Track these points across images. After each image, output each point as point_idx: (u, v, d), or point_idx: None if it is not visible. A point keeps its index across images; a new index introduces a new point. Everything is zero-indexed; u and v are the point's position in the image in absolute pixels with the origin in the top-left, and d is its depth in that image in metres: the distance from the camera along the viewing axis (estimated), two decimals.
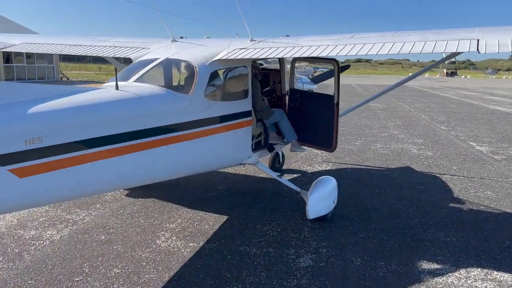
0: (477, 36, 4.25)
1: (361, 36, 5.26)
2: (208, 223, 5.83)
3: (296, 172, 8.63)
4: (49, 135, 3.50)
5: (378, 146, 11.57)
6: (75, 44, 6.78)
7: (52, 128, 3.55)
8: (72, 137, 3.67)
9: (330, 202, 5.86)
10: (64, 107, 3.73)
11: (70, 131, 3.66)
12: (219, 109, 5.25)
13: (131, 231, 5.54)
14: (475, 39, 4.19)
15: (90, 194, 4.40)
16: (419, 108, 22.40)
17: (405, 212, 6.43)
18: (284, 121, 6.61)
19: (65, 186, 3.70)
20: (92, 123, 3.82)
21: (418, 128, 15.02)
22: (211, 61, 5.21)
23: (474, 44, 4.07)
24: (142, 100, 4.35)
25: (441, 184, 7.96)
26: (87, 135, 3.76)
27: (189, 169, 5.10)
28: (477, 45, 4.04)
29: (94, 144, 3.82)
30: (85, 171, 3.78)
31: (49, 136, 3.50)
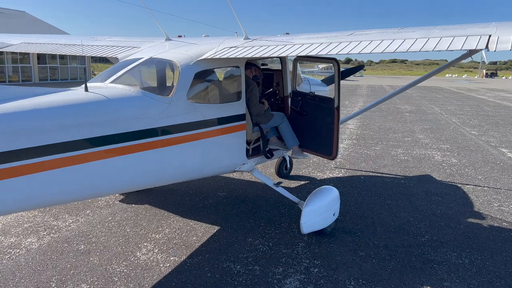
0: (489, 32, 3.66)
1: (361, 33, 4.74)
2: (197, 234, 5.45)
3: (305, 179, 8.12)
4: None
5: (399, 151, 10.87)
6: (70, 44, 6.56)
7: (2, 132, 3.26)
8: (26, 143, 3.36)
9: (329, 215, 5.35)
10: (19, 110, 3.43)
11: (23, 136, 3.35)
12: (206, 113, 4.84)
13: (113, 241, 5.23)
14: (486, 34, 3.60)
15: (45, 205, 4.07)
16: (450, 111, 21.28)
17: (415, 227, 5.83)
18: (285, 125, 6.14)
19: (16, 196, 3.39)
20: (49, 128, 3.50)
21: (446, 133, 14.13)
22: (196, 60, 4.81)
23: (484, 40, 3.49)
24: (110, 103, 4.01)
25: (462, 196, 7.26)
26: (43, 141, 3.45)
27: (170, 177, 4.72)
28: (487, 41, 3.46)
29: (52, 151, 3.50)
30: (41, 180, 3.47)
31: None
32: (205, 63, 4.91)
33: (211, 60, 4.93)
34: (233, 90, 5.32)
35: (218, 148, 5.12)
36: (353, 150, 10.92)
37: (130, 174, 4.21)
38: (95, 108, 3.90)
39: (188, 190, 7.22)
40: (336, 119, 5.70)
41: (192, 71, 4.74)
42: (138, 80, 4.83)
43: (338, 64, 5.63)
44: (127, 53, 5.55)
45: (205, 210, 6.34)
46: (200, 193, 7.09)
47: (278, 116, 6.11)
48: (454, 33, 3.84)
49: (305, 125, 6.14)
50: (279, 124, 6.12)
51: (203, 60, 4.85)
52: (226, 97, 5.26)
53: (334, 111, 5.67)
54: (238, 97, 5.29)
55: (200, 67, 4.85)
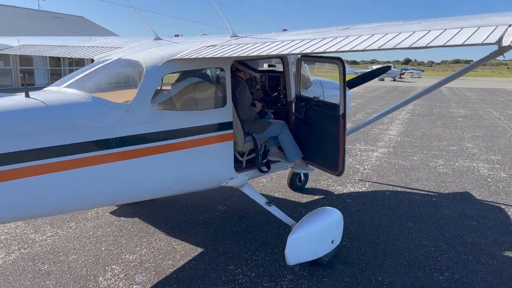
0: (508, 21, 2.72)
1: (356, 27, 3.90)
2: (174, 258, 4.83)
3: (320, 193, 7.27)
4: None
5: (439, 162, 9.65)
6: (62, 45, 6.22)
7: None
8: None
9: (323, 243, 4.52)
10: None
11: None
12: (178, 121, 4.21)
13: (81, 261, 4.74)
14: (505, 24, 2.67)
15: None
16: (511, 116, 19.21)
17: (435, 259, 4.84)
18: (285, 135, 5.36)
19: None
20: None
21: (500, 141, 12.55)
22: (166, 61, 4.19)
23: (498, 33, 2.56)
24: (49, 111, 3.49)
25: (503, 221, 6.08)
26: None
27: (132, 194, 4.13)
28: (502, 34, 2.53)
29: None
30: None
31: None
32: (177, 64, 4.28)
33: (185, 61, 4.29)
34: (214, 95, 4.65)
35: (195, 162, 4.47)
36: (386, 160, 9.86)
37: (76, 191, 3.67)
38: (30, 116, 3.39)
39: (187, 203, 6.64)
40: (342, 129, 4.86)
41: (159, 73, 4.12)
42: (97, 84, 4.29)
43: (343, 64, 4.78)
44: (104, 54, 5.05)
45: (197, 227, 5.72)
46: (198, 207, 6.49)
47: (276, 124, 5.35)
48: (464, 24, 2.92)
49: (309, 135, 5.34)
50: (279, 133, 5.36)
51: (174, 61, 4.22)
52: (206, 103, 4.61)
53: (339, 119, 4.84)
54: (221, 103, 4.61)
55: (170, 68, 4.23)
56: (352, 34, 3.37)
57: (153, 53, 4.43)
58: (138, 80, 4.08)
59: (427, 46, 2.68)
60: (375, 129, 14.48)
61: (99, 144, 3.68)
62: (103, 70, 4.37)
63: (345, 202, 6.84)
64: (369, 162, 9.56)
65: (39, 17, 36.31)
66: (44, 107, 3.48)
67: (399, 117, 17.86)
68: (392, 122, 16.37)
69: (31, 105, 3.46)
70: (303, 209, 6.49)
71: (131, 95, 3.98)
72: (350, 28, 3.91)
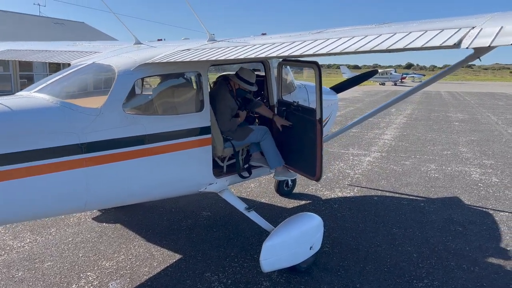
0: (474, 23, 2.66)
1: (329, 31, 3.85)
2: (151, 264, 4.77)
3: (308, 198, 7.20)
4: None
5: (431, 167, 9.56)
6: (43, 50, 6.19)
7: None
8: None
9: (301, 249, 4.45)
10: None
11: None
12: (151, 126, 4.15)
13: (57, 267, 4.68)
14: (468, 27, 2.61)
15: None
16: (509, 121, 19.08)
17: (416, 266, 4.76)
18: (267, 142, 5.26)
19: None
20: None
21: (496, 146, 12.45)
22: (139, 65, 4.14)
23: (459, 35, 2.50)
24: (13, 115, 3.45)
25: (490, 226, 5.99)
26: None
27: (103, 200, 4.07)
28: (462, 36, 2.47)
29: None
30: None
31: None
32: (151, 68, 4.24)
33: (159, 65, 4.25)
34: (190, 99, 4.60)
35: (170, 167, 4.40)
36: (377, 164, 9.78)
37: (44, 198, 3.61)
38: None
39: (171, 208, 6.58)
40: (319, 133, 4.80)
41: (131, 77, 4.08)
42: (68, 89, 4.24)
43: (319, 69, 4.73)
44: (81, 59, 5.01)
45: (178, 233, 5.65)
46: (182, 212, 6.43)
47: (258, 131, 5.28)
48: (430, 27, 2.86)
49: (289, 140, 5.28)
50: (260, 140, 5.29)
51: (147, 65, 4.18)
52: (181, 107, 4.55)
53: (315, 124, 4.78)
54: (197, 108, 4.56)
55: (143, 73, 4.19)
56: (320, 37, 3.32)
57: (127, 57, 4.39)
58: (110, 85, 4.03)
59: (388, 49, 2.62)
60: (370, 133, 14.41)
61: (67, 149, 3.63)
62: (75, 75, 4.34)
63: (332, 207, 6.76)
64: (360, 167, 9.49)
65: (39, 23, 36.44)
66: (9, 112, 3.44)
67: (396, 121, 17.78)
68: (388, 126, 16.29)
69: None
70: (288, 214, 6.36)
71: (103, 100, 3.94)
72: (323, 32, 3.87)
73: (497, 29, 2.41)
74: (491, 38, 2.34)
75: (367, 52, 2.73)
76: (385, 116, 19.33)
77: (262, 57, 3.31)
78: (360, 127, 15.30)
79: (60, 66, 33.69)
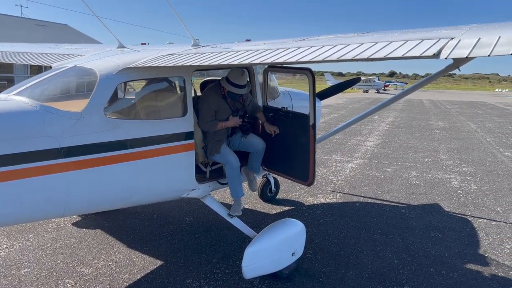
0: (453, 34, 2.72)
1: (312, 39, 3.89)
2: (132, 271, 4.70)
3: (291, 204, 7.21)
4: None
5: (412, 174, 9.69)
6: (24, 52, 6.09)
7: None
8: None
9: (283, 255, 4.45)
10: None
11: None
12: (133, 131, 4.11)
13: (34, 274, 4.58)
14: (447, 38, 2.67)
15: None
16: (488, 129, 19.51)
17: (396, 272, 4.80)
18: (229, 171, 4.95)
19: None
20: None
21: (475, 153, 12.70)
22: (121, 69, 4.11)
23: (438, 46, 2.55)
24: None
25: (468, 233, 6.10)
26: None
27: (84, 206, 4.01)
28: (441, 47, 2.53)
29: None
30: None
31: None
32: (134, 72, 4.20)
33: (142, 69, 4.22)
34: (173, 104, 4.57)
35: (152, 172, 4.36)
36: (360, 171, 9.86)
37: (22, 203, 3.54)
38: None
39: (153, 214, 6.51)
40: (312, 139, 4.82)
41: (113, 81, 4.04)
42: (48, 92, 4.18)
43: (313, 75, 4.74)
44: (63, 62, 4.95)
45: (160, 239, 5.59)
46: (164, 218, 6.37)
47: (225, 155, 4.90)
48: (412, 37, 2.91)
49: (277, 146, 5.28)
50: (224, 164, 5.02)
51: (130, 69, 4.15)
52: (164, 112, 4.53)
53: (309, 129, 4.80)
54: (180, 113, 4.54)
55: (125, 77, 4.16)
56: (303, 45, 3.35)
57: (110, 61, 4.35)
58: (91, 88, 3.99)
59: (369, 58, 2.66)
60: (353, 140, 14.54)
61: (46, 153, 3.57)
62: (56, 78, 4.28)
63: (314, 213, 6.79)
64: (343, 173, 9.56)
65: (21, 24, 35.83)
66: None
67: (379, 129, 17.99)
68: (371, 133, 16.47)
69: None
70: (271, 220, 6.39)
71: (84, 103, 3.89)
72: (306, 40, 3.90)
73: (474, 41, 2.47)
74: (468, 49, 2.39)
75: (349, 60, 2.77)
76: (368, 123, 19.55)
77: (245, 63, 3.31)
78: (343, 134, 15.44)
79: (41, 68, 33.24)
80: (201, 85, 6.29)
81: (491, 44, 2.36)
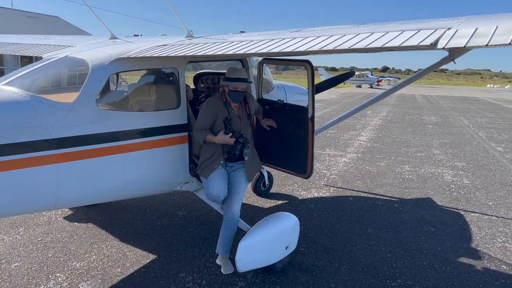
0: (449, 25, 2.69)
1: (307, 30, 3.85)
2: (124, 265, 4.66)
3: (284, 198, 7.19)
4: None
5: (405, 168, 9.72)
6: (14, 42, 5.98)
7: None
8: None
9: (277, 249, 4.43)
10: None
11: None
12: (125, 122, 4.06)
13: (24, 268, 4.51)
14: (444, 28, 2.64)
15: None
16: (479, 124, 19.63)
17: (390, 266, 4.80)
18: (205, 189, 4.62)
19: None
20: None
21: (467, 148, 12.77)
22: (113, 59, 4.04)
23: (435, 35, 2.52)
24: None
25: (461, 227, 6.12)
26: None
27: (76, 198, 3.95)
28: (439, 37, 2.50)
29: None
30: None
31: None
32: (126, 63, 4.14)
33: (135, 60, 4.15)
34: (166, 96, 4.51)
35: (144, 165, 4.32)
36: (353, 165, 9.87)
37: (12, 195, 3.47)
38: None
39: (146, 208, 6.46)
40: (311, 132, 4.80)
41: (105, 72, 3.97)
42: (38, 82, 4.11)
43: (312, 67, 4.72)
44: (54, 53, 4.86)
45: (153, 233, 5.55)
46: (157, 212, 6.32)
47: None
48: (407, 27, 2.88)
49: (274, 139, 5.24)
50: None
51: (123, 60, 4.08)
52: (157, 104, 4.47)
53: (308, 122, 4.77)
54: (173, 105, 4.48)
55: (118, 67, 4.09)
56: (299, 36, 3.31)
57: (101, 51, 4.28)
58: (83, 79, 3.92)
59: (365, 48, 2.63)
60: (346, 134, 14.55)
61: (37, 145, 3.51)
62: (47, 68, 4.20)
63: (308, 207, 6.78)
64: (336, 168, 9.56)
65: (12, 15, 35.33)
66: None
67: (372, 123, 18.02)
68: (364, 128, 16.49)
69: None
70: (265, 214, 6.35)
71: (76, 94, 3.82)
72: (301, 31, 3.86)
73: (472, 30, 2.44)
74: (466, 39, 2.37)
75: (345, 51, 2.74)
76: (361, 118, 19.58)
77: (240, 53, 3.27)
78: (337, 128, 15.44)
79: (32, 59, 32.85)
80: (195, 78, 6.23)
81: (488, 34, 2.34)
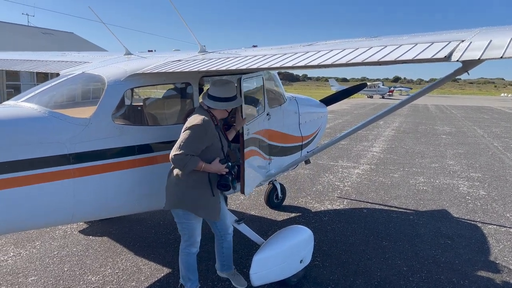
0: (463, 37, 2.69)
1: (320, 43, 3.88)
2: (139, 279, 4.67)
3: (297, 211, 7.16)
4: None
5: (419, 180, 9.62)
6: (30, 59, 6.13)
7: None
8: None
9: (292, 262, 4.40)
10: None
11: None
12: (140, 137, 4.10)
13: (40, 282, 4.55)
14: (458, 40, 2.64)
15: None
16: (495, 134, 19.38)
17: (406, 280, 4.73)
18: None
19: None
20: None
21: (482, 159, 12.60)
22: (129, 75, 4.11)
23: (449, 48, 2.53)
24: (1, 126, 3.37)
25: (478, 239, 6.02)
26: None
27: (89, 212, 3.98)
28: (452, 49, 2.50)
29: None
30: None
31: None
32: (141, 78, 4.20)
33: (150, 76, 4.22)
34: (180, 110, 4.56)
35: (160, 178, 4.34)
36: (366, 177, 9.80)
37: (31, 209, 3.52)
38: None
39: (160, 221, 6.49)
40: (241, 146, 4.67)
41: (121, 87, 4.04)
42: (56, 98, 4.19)
43: (240, 81, 4.56)
44: (71, 69, 4.96)
45: (166, 247, 5.56)
46: (170, 225, 6.33)
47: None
48: (420, 40, 2.89)
49: None
50: None
51: (138, 75, 4.15)
52: (171, 118, 4.52)
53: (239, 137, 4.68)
54: None
55: (133, 83, 4.15)
56: (311, 50, 3.34)
57: (117, 67, 4.36)
58: (99, 95, 3.99)
59: (379, 61, 2.64)
60: (359, 145, 14.48)
61: (55, 159, 3.56)
62: (64, 85, 4.29)
63: (321, 220, 6.74)
64: (350, 179, 9.50)
65: (28, 33, 36.17)
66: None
67: (384, 134, 17.92)
68: (376, 139, 16.41)
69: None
70: (278, 227, 6.36)
71: (92, 110, 3.89)
72: (314, 44, 3.89)
73: (486, 43, 2.44)
74: (480, 51, 2.36)
75: (359, 64, 2.74)
76: (373, 128, 19.49)
77: (253, 68, 3.30)
78: (349, 140, 15.39)
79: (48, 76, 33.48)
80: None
81: (503, 46, 2.33)
